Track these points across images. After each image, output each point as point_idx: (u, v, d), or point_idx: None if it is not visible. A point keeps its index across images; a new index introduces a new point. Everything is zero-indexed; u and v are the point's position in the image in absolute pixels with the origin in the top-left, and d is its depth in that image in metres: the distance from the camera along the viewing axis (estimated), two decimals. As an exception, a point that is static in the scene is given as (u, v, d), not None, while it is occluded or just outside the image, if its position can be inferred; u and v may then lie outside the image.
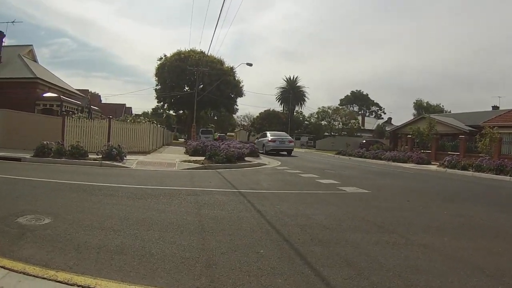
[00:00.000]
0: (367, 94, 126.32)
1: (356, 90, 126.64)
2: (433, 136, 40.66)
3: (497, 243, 6.95)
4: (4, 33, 34.08)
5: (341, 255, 5.64)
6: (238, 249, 5.67)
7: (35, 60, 38.09)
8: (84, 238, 5.72)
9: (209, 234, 6.43)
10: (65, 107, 32.28)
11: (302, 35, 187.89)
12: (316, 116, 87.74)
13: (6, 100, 27.10)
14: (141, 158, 21.80)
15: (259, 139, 42.58)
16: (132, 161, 19.48)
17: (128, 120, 28.16)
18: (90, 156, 19.06)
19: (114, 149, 18.90)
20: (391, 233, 7.23)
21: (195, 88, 56.23)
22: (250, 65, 51.97)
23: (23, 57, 34.18)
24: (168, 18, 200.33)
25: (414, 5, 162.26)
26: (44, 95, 32.01)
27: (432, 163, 33.46)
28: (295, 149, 45.07)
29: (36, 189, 10.09)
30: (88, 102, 41.32)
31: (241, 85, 73.59)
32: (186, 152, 29.38)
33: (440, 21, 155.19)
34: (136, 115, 62.36)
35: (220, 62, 70.16)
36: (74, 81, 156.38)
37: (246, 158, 24.20)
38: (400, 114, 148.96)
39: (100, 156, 18.89)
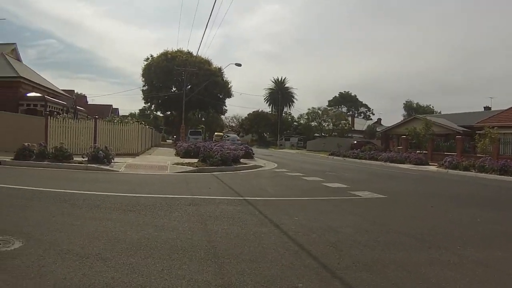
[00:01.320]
0: (356, 96, 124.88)
1: (344, 91, 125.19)
2: (429, 137, 39.59)
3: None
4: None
5: (399, 285, 4.47)
6: (269, 283, 4.29)
7: (18, 59, 36.34)
8: (63, 271, 4.26)
9: (226, 261, 5.02)
10: (49, 107, 30.52)
11: (289, 38, 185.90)
12: (306, 117, 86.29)
13: (-13, 100, 25.50)
14: (129, 160, 20.33)
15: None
16: (120, 164, 18.02)
17: (115, 121, 26.73)
18: (75, 158, 17.57)
19: (100, 151, 17.40)
20: (438, 248, 6.21)
21: (183, 89, 54.70)
22: (239, 65, 50.27)
23: (6, 55, 32.42)
24: (155, 20, 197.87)
25: (403, 11, 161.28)
26: (28, 94, 30.27)
27: (430, 164, 32.45)
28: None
29: (11, 199, 8.56)
30: (74, 102, 39.59)
31: (229, 86, 71.92)
32: (177, 154, 28.16)
33: (429, 28, 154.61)
34: (123, 116, 60.81)
35: (208, 63, 68.46)
36: (61, 83, 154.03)
37: (241, 160, 22.87)
38: (389, 116, 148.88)
39: (86, 159, 17.38)
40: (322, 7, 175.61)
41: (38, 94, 30.81)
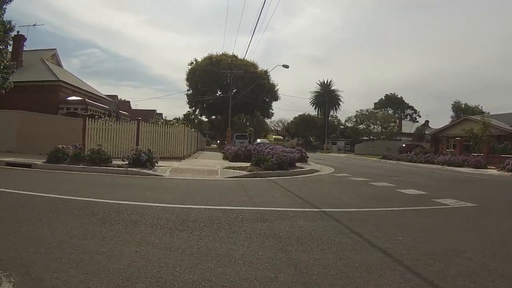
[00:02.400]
0: (402, 97, 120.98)
1: (390, 93, 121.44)
2: (486, 138, 36.75)
3: None
4: (25, 37, 31.36)
5: None
6: None
7: (59, 64, 35.61)
8: None
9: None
10: (90, 111, 29.25)
11: (331, 41, 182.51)
12: (354, 120, 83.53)
13: (28, 104, 24.54)
14: (175, 164, 18.53)
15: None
16: (165, 168, 16.17)
17: (160, 123, 25.16)
18: (114, 162, 15.89)
19: (143, 154, 15.58)
20: None
21: (229, 92, 53.24)
22: (287, 66, 47.81)
23: (45, 60, 31.65)
24: (197, 26, 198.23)
25: (444, 10, 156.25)
26: (68, 98, 29.20)
27: (488, 167, 29.88)
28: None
29: (22, 210, 6.63)
30: (116, 106, 38.26)
31: (276, 89, 69.94)
32: (225, 158, 26.71)
33: (477, 23, 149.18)
34: (167, 120, 59.94)
35: (254, 66, 66.65)
36: (104, 90, 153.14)
37: (297, 164, 20.81)
38: (436, 118, 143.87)
39: (126, 163, 15.61)
40: (363, 8, 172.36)
41: (79, 98, 29.66)
